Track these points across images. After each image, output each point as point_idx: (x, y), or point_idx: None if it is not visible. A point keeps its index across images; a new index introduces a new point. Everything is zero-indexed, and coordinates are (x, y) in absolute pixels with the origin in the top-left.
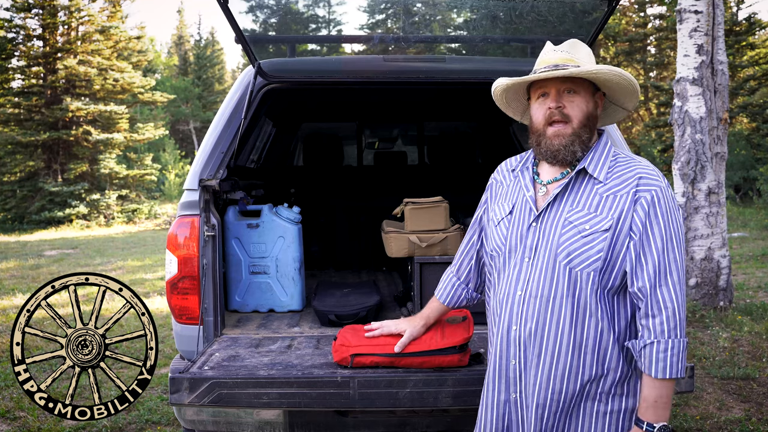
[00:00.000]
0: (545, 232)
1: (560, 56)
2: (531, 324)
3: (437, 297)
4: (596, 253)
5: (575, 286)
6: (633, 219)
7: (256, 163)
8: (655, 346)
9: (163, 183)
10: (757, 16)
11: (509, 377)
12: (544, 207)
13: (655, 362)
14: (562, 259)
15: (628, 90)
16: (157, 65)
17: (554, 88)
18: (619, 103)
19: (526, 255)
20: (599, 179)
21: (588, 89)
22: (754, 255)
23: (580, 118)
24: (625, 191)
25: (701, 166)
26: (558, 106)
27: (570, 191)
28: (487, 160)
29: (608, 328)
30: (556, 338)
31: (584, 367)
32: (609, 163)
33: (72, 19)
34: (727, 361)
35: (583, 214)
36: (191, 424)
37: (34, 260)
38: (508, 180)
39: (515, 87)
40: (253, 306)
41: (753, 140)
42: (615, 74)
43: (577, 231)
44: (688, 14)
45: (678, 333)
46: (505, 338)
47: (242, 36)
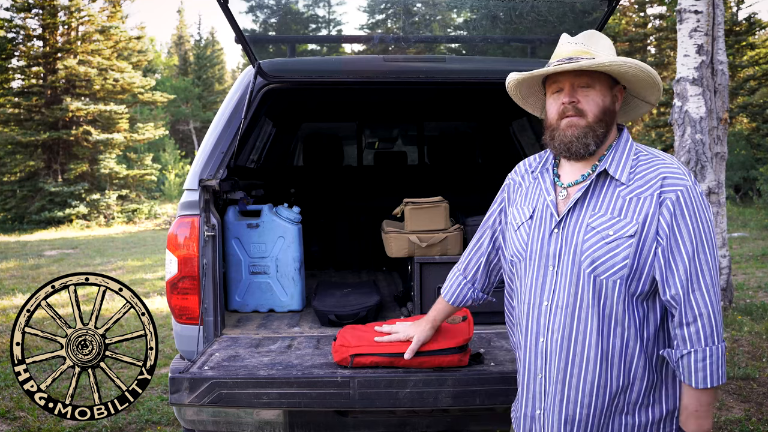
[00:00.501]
0: (568, 238)
1: (574, 49)
2: (557, 335)
3: (443, 296)
4: (622, 260)
5: (600, 295)
6: (659, 223)
7: (256, 163)
8: (693, 356)
9: (163, 183)
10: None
11: (535, 392)
12: (566, 212)
13: (695, 372)
14: (586, 267)
15: (647, 82)
16: (157, 65)
17: (568, 83)
18: (641, 96)
19: (550, 263)
20: (621, 181)
21: (605, 83)
22: (754, 255)
23: (595, 112)
24: (649, 193)
25: (701, 166)
26: (572, 101)
27: (591, 195)
28: (487, 160)
29: (635, 336)
30: (583, 350)
31: (611, 378)
32: (631, 162)
33: (72, 19)
34: (727, 361)
35: (606, 218)
36: (191, 424)
37: (34, 260)
38: (527, 182)
39: (528, 82)
40: (253, 306)
41: (753, 140)
42: (630, 66)
43: (600, 237)
44: (688, 14)
45: (716, 339)
46: (532, 350)
47: (242, 36)
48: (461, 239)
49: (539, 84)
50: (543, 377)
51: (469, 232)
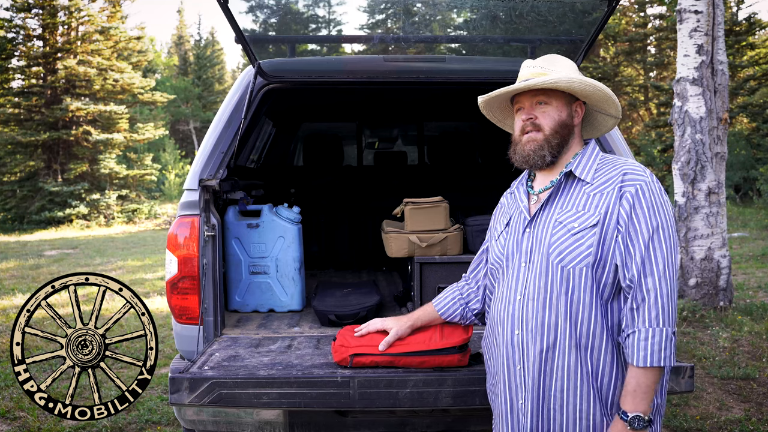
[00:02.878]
0: (538, 235)
1: (532, 71)
2: (531, 325)
3: (434, 305)
4: (586, 248)
5: (569, 285)
6: (619, 212)
7: (256, 163)
8: (637, 335)
9: (163, 183)
10: (757, 16)
11: (517, 383)
12: (536, 211)
13: (636, 351)
14: (554, 258)
15: (598, 96)
16: (157, 65)
17: (528, 101)
18: (601, 109)
19: (522, 260)
20: (587, 180)
21: (561, 99)
22: (754, 255)
23: (551, 125)
24: (611, 188)
25: (701, 166)
26: (529, 117)
27: (560, 194)
28: (487, 160)
29: (602, 324)
30: (556, 337)
31: (582, 364)
32: (596, 165)
33: (72, 19)
34: (727, 361)
35: (572, 213)
36: (191, 424)
37: (34, 260)
38: (509, 200)
39: (496, 101)
40: (253, 306)
41: (753, 140)
42: (576, 82)
43: (566, 230)
44: (688, 14)
45: (660, 322)
46: (509, 344)
47: (242, 36)
48: (461, 239)
49: (508, 103)
50: (522, 368)
51: (468, 232)
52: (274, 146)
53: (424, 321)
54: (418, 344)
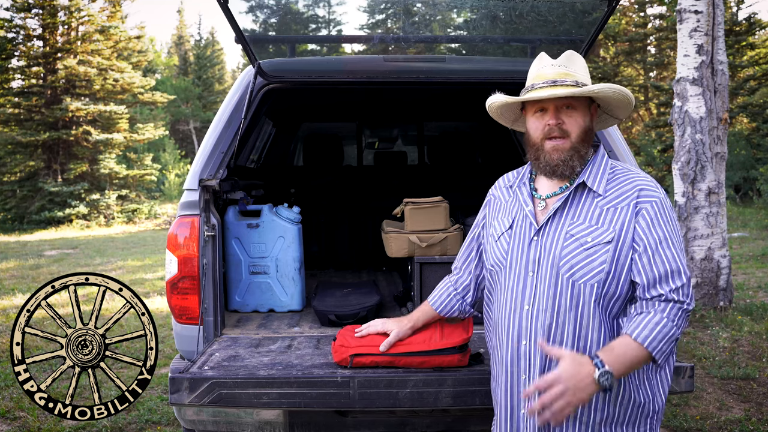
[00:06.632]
0: (547, 246)
1: (557, 71)
2: (539, 337)
3: (431, 304)
4: (599, 265)
5: (578, 299)
6: (635, 230)
7: (256, 163)
8: (649, 316)
9: (163, 183)
10: (757, 16)
11: (520, 393)
12: (545, 221)
13: (641, 327)
14: (564, 272)
15: (623, 103)
16: (157, 65)
17: (553, 105)
18: (614, 114)
19: (529, 269)
20: (599, 192)
21: (584, 104)
22: (754, 255)
23: (578, 133)
24: (626, 203)
25: (701, 166)
26: (558, 122)
27: (570, 205)
28: (487, 160)
29: (608, 340)
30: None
31: None
32: (607, 176)
33: (72, 19)
34: (727, 361)
35: (585, 227)
36: (191, 424)
37: (34, 260)
38: (506, 196)
39: (513, 103)
40: (253, 306)
41: (753, 140)
42: (615, 92)
43: (579, 244)
44: (688, 14)
45: (675, 320)
46: (515, 353)
47: (242, 36)
48: (461, 239)
49: (518, 102)
50: (527, 378)
51: (468, 232)
52: (274, 146)
53: (424, 320)
54: (418, 344)
